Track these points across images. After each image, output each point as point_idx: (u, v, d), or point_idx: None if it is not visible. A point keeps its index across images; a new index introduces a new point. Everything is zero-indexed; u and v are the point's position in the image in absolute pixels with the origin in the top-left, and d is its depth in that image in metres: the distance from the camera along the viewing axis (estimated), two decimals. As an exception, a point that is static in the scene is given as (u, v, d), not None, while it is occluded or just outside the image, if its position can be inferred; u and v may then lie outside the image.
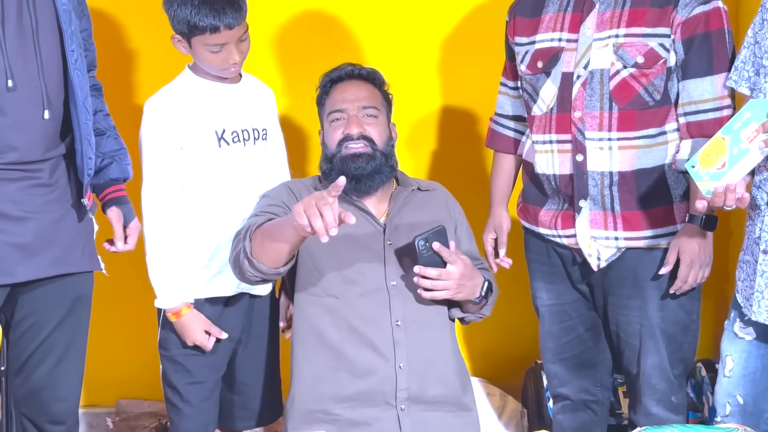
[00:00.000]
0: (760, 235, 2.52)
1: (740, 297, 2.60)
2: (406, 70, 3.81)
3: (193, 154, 2.86)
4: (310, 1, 3.87)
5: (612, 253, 2.87)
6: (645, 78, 2.78)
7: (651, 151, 2.81)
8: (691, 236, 2.76)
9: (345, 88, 2.86)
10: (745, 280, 2.58)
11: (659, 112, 2.81)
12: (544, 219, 2.99)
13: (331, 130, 2.82)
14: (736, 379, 2.63)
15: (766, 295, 2.52)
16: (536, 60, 2.93)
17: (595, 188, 2.84)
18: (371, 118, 2.83)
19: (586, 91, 2.82)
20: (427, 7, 3.85)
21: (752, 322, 2.57)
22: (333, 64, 3.18)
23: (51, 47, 2.54)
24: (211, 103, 2.87)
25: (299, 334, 2.79)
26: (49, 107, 2.53)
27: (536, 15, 2.95)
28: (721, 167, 2.40)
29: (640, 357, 2.92)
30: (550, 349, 3.11)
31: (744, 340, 2.61)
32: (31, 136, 2.52)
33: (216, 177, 2.88)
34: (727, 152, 2.39)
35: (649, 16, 2.78)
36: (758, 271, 2.52)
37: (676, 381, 2.93)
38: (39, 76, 2.52)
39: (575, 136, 2.85)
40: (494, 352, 3.95)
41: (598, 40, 2.81)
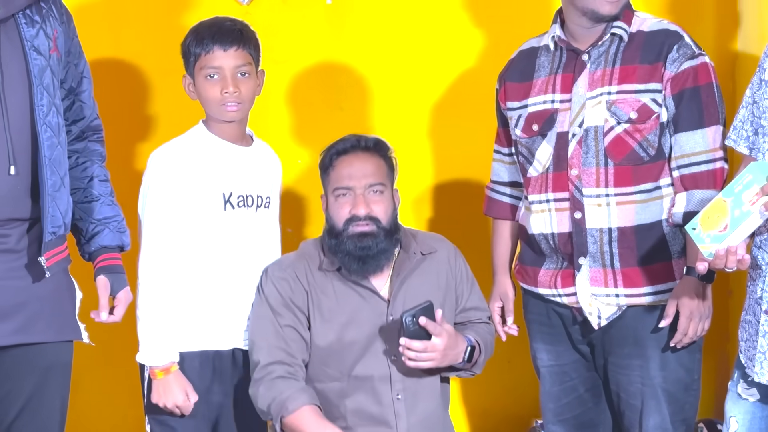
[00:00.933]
0: (762, 295, 2.51)
1: (743, 357, 2.58)
2: (406, 132, 3.87)
3: (196, 214, 2.84)
4: (311, 59, 3.90)
5: (613, 311, 2.87)
6: (639, 133, 2.81)
7: (648, 206, 2.83)
8: (690, 289, 2.77)
9: (351, 162, 2.86)
10: (747, 340, 2.56)
11: (654, 167, 2.84)
12: (543, 279, 2.98)
13: (338, 206, 2.84)
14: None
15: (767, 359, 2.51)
16: (531, 123, 2.95)
17: (595, 245, 2.85)
18: (377, 194, 2.85)
19: (582, 148, 2.85)
20: (422, 73, 3.91)
21: (756, 383, 2.55)
22: (333, 122, 3.19)
23: (19, 102, 2.50)
24: (221, 164, 2.87)
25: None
26: (14, 163, 2.47)
27: (527, 80, 2.98)
28: (722, 230, 2.41)
29: (642, 417, 2.90)
30: (550, 410, 3.09)
31: (748, 401, 2.59)
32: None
33: (218, 239, 2.86)
34: (728, 215, 2.40)
35: (639, 73, 2.81)
36: (761, 331, 2.51)
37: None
38: (5, 131, 2.47)
39: (573, 194, 2.86)
40: (494, 412, 3.94)
41: (591, 98, 2.84)
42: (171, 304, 2.81)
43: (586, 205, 2.84)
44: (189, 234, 2.84)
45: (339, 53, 3.86)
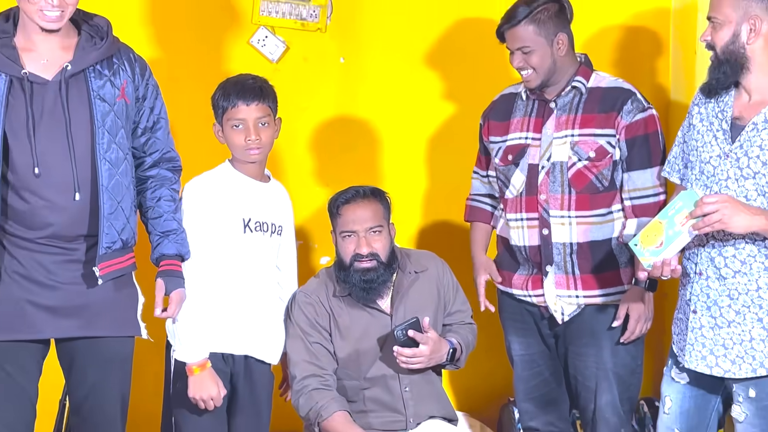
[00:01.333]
0: (690, 298, 2.56)
1: (676, 348, 2.63)
2: (406, 167, 3.87)
3: (221, 235, 2.83)
4: (328, 108, 3.84)
5: (573, 309, 2.93)
6: (596, 168, 2.86)
7: (602, 227, 2.89)
8: (637, 297, 2.86)
9: (353, 209, 2.88)
10: (679, 334, 2.62)
11: (607, 196, 2.89)
12: (516, 282, 3.03)
13: (345, 245, 2.88)
14: (673, 416, 2.66)
15: (696, 347, 2.54)
16: (507, 154, 2.99)
17: (559, 256, 2.91)
18: (376, 234, 2.87)
19: (550, 178, 2.89)
20: (417, 119, 3.89)
21: (686, 369, 2.60)
22: (347, 161, 3.41)
23: (83, 141, 2.49)
24: (242, 195, 2.86)
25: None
26: (79, 190, 2.47)
27: (506, 119, 3.01)
28: (659, 246, 2.45)
29: (596, 396, 2.95)
30: (521, 390, 3.14)
31: (679, 383, 2.64)
32: (65, 215, 2.47)
33: (237, 257, 2.85)
34: (663, 234, 2.44)
35: (597, 120, 2.86)
36: (689, 327, 2.55)
37: (625, 416, 2.98)
38: (71, 164, 2.47)
39: (541, 214, 2.91)
40: (476, 391, 3.90)
41: (557, 138, 2.89)
42: (202, 309, 2.79)
43: (552, 223, 2.90)
44: (214, 251, 2.82)
45: (350, 103, 3.83)
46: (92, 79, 2.51)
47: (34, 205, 2.44)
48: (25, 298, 2.46)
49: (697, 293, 2.54)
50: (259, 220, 2.86)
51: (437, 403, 2.94)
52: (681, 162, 2.67)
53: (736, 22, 2.42)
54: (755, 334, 2.45)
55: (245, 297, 2.86)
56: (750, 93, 2.47)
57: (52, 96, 2.44)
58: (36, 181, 2.42)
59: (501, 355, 3.26)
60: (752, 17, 2.41)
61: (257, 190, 2.89)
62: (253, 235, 2.85)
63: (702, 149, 2.54)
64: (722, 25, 2.44)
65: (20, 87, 2.42)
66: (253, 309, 2.88)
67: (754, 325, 2.45)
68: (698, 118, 2.59)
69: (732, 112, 2.50)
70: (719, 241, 2.47)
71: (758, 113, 2.42)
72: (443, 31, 3.81)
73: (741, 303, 2.46)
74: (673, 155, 2.71)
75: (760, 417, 2.48)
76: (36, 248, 2.47)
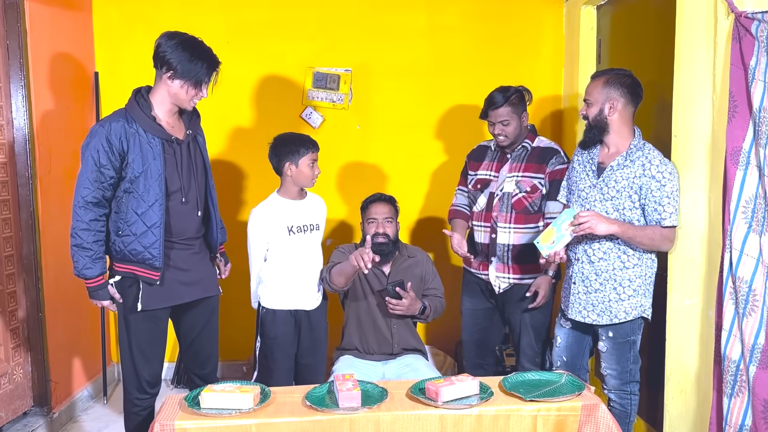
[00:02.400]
0: (572, 275, 2.62)
1: (563, 306, 2.70)
2: (407, 194, 3.76)
3: (275, 238, 2.77)
4: (348, 157, 3.74)
5: (506, 285, 2.93)
6: (531, 198, 2.85)
7: (528, 236, 2.87)
8: (546, 282, 2.85)
9: (376, 206, 2.89)
10: (565, 297, 2.67)
11: (535, 216, 2.87)
12: (474, 264, 3.03)
13: (369, 227, 2.87)
14: (562, 349, 2.70)
15: (575, 305, 2.59)
16: (477, 183, 2.99)
17: (500, 251, 2.91)
18: (389, 222, 2.87)
19: (501, 202, 2.88)
20: (419, 161, 3.80)
21: (569, 319, 2.65)
22: (362, 188, 3.34)
23: (201, 177, 2.53)
24: (286, 211, 2.79)
25: (348, 316, 2.94)
26: (200, 209, 2.53)
27: (480, 161, 3.01)
28: (551, 243, 2.49)
29: (520, 339, 2.97)
30: (466, 331, 3.14)
31: (565, 328, 2.69)
32: (193, 225, 2.51)
33: (288, 250, 2.78)
34: (554, 235, 2.48)
35: (534, 168, 2.86)
36: (571, 293, 2.61)
37: (539, 350, 2.97)
38: (196, 194, 2.51)
39: (492, 225, 2.91)
40: (440, 332, 3.85)
41: (508, 177, 2.88)
42: (261, 281, 2.79)
43: (498, 231, 2.89)
44: (275, 247, 2.77)
45: (364, 154, 3.77)
46: (198, 137, 2.57)
47: None
48: (173, 278, 2.49)
49: (576, 272, 2.59)
50: (299, 224, 2.81)
51: (412, 337, 2.95)
52: (566, 190, 2.74)
53: (601, 102, 2.46)
54: (612, 297, 2.52)
55: (296, 272, 2.80)
56: (609, 147, 2.53)
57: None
58: (181, 206, 2.45)
59: (456, 311, 3.23)
60: (612, 99, 2.46)
61: (297, 205, 2.82)
62: (296, 236, 2.80)
63: (579, 182, 2.60)
64: (593, 103, 2.49)
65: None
66: (301, 278, 2.82)
67: (611, 292, 2.51)
68: (577, 162, 2.64)
69: (598, 159, 2.56)
70: (589, 240, 2.53)
71: (614, 159, 2.49)
72: (428, 107, 3.79)
73: (603, 278, 2.52)
74: (561, 186, 2.77)
75: (616, 349, 2.56)
76: (179, 247, 2.49)
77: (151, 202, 2.35)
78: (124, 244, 2.38)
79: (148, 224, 2.36)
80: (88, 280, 2.39)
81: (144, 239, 2.36)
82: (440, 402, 2.04)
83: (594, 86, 2.48)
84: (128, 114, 2.36)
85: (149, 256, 2.37)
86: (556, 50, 3.76)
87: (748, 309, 2.16)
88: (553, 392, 2.13)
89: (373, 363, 2.87)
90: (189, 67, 2.33)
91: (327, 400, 2.10)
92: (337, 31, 3.69)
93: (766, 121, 2.07)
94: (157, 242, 2.37)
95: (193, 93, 2.38)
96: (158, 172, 2.35)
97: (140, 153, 2.33)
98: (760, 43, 2.07)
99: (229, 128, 3.72)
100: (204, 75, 2.37)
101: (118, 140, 2.31)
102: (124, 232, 2.37)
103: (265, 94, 3.71)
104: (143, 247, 2.37)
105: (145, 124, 2.35)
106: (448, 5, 3.71)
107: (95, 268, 2.37)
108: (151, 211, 2.35)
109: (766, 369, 2.12)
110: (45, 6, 3.08)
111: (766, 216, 2.11)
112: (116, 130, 2.32)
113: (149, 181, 2.34)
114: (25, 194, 2.98)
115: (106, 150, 2.30)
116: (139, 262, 2.39)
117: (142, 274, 2.40)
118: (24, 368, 3.05)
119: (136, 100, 2.39)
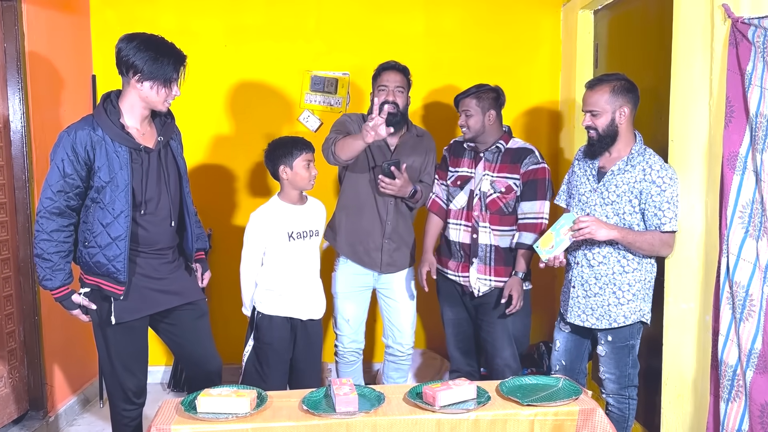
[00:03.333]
0: (571, 278, 2.62)
1: (562, 309, 2.70)
2: None
3: (274, 243, 2.72)
4: None
5: (487, 288, 2.85)
6: (505, 199, 2.81)
7: (507, 238, 2.83)
8: (517, 283, 2.77)
9: (388, 74, 2.84)
10: (564, 301, 2.67)
11: (511, 218, 2.84)
12: (451, 266, 2.94)
13: (378, 95, 2.82)
14: (561, 352, 2.70)
15: (574, 309, 2.59)
16: (457, 180, 2.94)
17: (482, 252, 2.85)
18: (400, 92, 2.83)
19: (480, 202, 2.84)
20: None
21: (568, 323, 2.65)
22: None
23: (175, 186, 2.44)
24: (287, 216, 2.75)
25: (343, 192, 2.93)
26: (173, 219, 2.43)
27: (458, 157, 2.96)
28: (551, 247, 2.49)
29: (502, 350, 2.86)
30: (450, 343, 3.06)
31: (564, 332, 2.69)
32: (166, 235, 2.42)
33: (287, 256, 2.73)
34: (554, 240, 2.48)
35: (509, 168, 2.82)
36: (570, 296, 2.62)
37: (518, 358, 2.91)
38: (169, 204, 2.41)
39: (474, 224, 2.86)
40: (435, 336, 3.75)
41: (484, 176, 2.84)
42: (255, 287, 2.73)
43: (480, 231, 2.85)
44: (273, 252, 2.72)
45: None
46: (171, 144, 2.47)
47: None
48: (146, 286, 2.42)
49: (576, 276, 2.59)
50: (299, 230, 2.76)
51: (405, 227, 2.95)
52: (566, 194, 2.74)
53: (612, 111, 2.44)
54: (611, 301, 2.52)
55: (294, 277, 2.75)
56: (611, 152, 2.52)
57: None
58: (149, 216, 2.37)
59: (439, 319, 3.11)
60: (621, 107, 2.44)
61: (296, 211, 2.77)
62: (295, 242, 2.75)
63: (579, 186, 2.61)
64: (601, 113, 2.45)
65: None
66: (300, 284, 2.77)
67: (610, 296, 2.52)
68: (578, 167, 2.65)
69: (599, 163, 2.56)
70: (589, 244, 2.54)
71: (614, 164, 2.50)
72: (425, 111, 3.75)
73: (602, 282, 2.53)
74: (561, 190, 2.77)
75: (614, 353, 2.56)
76: (150, 257, 2.42)
77: (117, 213, 2.26)
78: (89, 256, 2.30)
79: (112, 236, 2.27)
80: (53, 291, 2.30)
81: (108, 251, 2.27)
82: (437, 406, 2.04)
83: (599, 96, 2.44)
84: (95, 121, 2.27)
85: (113, 269, 2.28)
86: (554, 55, 3.77)
87: (745, 314, 2.17)
88: (551, 397, 2.13)
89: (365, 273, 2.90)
90: (155, 67, 2.24)
91: (324, 404, 2.10)
92: (334, 34, 3.69)
93: (762, 126, 2.09)
94: (122, 255, 2.28)
95: (164, 93, 2.30)
96: (125, 183, 2.26)
97: (107, 162, 2.25)
98: (756, 48, 2.08)
99: (227, 132, 3.71)
100: (172, 72, 2.28)
101: (83, 149, 2.24)
102: (90, 243, 2.29)
103: (262, 97, 3.70)
104: (107, 260, 2.28)
105: (111, 133, 2.26)
106: (446, 10, 3.72)
107: (55, 279, 2.28)
108: (116, 222, 2.26)
109: (763, 374, 2.13)
110: (42, 9, 3.08)
111: (762, 221, 2.12)
112: (81, 139, 2.24)
113: (115, 192, 2.25)
114: (22, 197, 2.97)
115: (71, 159, 2.23)
116: (103, 275, 2.30)
117: (107, 288, 2.31)
118: (20, 372, 3.04)
119: (104, 106, 2.30)
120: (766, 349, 2.12)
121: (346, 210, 2.95)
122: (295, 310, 2.76)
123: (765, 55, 2.05)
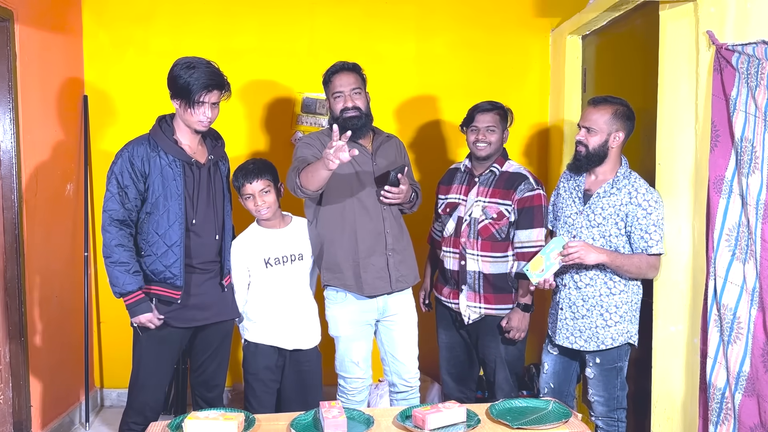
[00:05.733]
0: (559, 301, 2.62)
1: (550, 332, 2.70)
2: None
3: (253, 270, 2.68)
4: None
5: (477, 316, 2.81)
6: (497, 225, 2.76)
7: (499, 265, 2.78)
8: (518, 315, 2.75)
9: (340, 77, 2.64)
10: (552, 323, 2.68)
11: (503, 245, 2.78)
12: (445, 293, 2.92)
13: (335, 103, 2.65)
14: (549, 375, 2.70)
15: (563, 331, 2.59)
16: (446, 208, 2.91)
17: (470, 279, 2.80)
18: (357, 94, 2.64)
19: (469, 228, 2.80)
20: None
21: (556, 345, 2.65)
22: None
23: (220, 202, 2.58)
24: (262, 242, 2.68)
25: (325, 220, 2.68)
26: (218, 233, 2.56)
27: (449, 184, 2.94)
28: (541, 271, 2.49)
29: (496, 373, 2.85)
30: (443, 367, 3.02)
31: (552, 354, 2.69)
32: (212, 248, 2.54)
33: (264, 283, 2.68)
34: (544, 263, 2.48)
35: (501, 193, 2.78)
36: (558, 318, 2.61)
37: (515, 384, 2.87)
38: (214, 218, 2.54)
39: (461, 251, 2.81)
40: (425, 356, 3.59)
41: (476, 202, 2.80)
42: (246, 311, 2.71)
43: (468, 258, 2.80)
44: (253, 280, 2.68)
45: None
46: (221, 164, 2.63)
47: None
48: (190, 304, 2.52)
49: (564, 298, 2.60)
50: (277, 256, 2.68)
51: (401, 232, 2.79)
52: (552, 215, 2.74)
53: (607, 133, 2.45)
54: (599, 323, 2.52)
55: (276, 306, 2.69)
56: (597, 174, 2.54)
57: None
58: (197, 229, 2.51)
59: (434, 342, 3.07)
60: (618, 131, 2.46)
61: (274, 236, 2.70)
62: (273, 268, 2.67)
63: (565, 208, 2.62)
64: (597, 132, 2.46)
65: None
66: (284, 314, 2.69)
67: (598, 318, 2.52)
68: (563, 189, 2.66)
69: (584, 186, 2.57)
70: (576, 266, 2.54)
71: (600, 186, 2.52)
72: (416, 134, 3.75)
73: (590, 304, 2.54)
74: (548, 212, 2.76)
75: (603, 375, 2.56)
76: (195, 271, 2.52)
77: (172, 221, 2.42)
78: (145, 265, 2.45)
79: (168, 243, 2.42)
80: (128, 295, 2.40)
81: (165, 259, 2.43)
82: (427, 429, 2.02)
83: (600, 115, 2.45)
84: (151, 138, 2.46)
85: (170, 275, 2.44)
86: (542, 79, 3.80)
87: (733, 336, 2.18)
88: (540, 419, 2.11)
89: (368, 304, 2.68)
90: (178, 88, 2.40)
91: (312, 427, 2.07)
92: (326, 57, 3.66)
93: (747, 150, 2.11)
94: (178, 261, 2.44)
95: (190, 113, 2.42)
96: (178, 193, 2.43)
97: (161, 174, 2.42)
98: (740, 74, 2.11)
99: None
100: (195, 93, 2.37)
101: (140, 162, 2.41)
102: (146, 252, 2.45)
103: (255, 118, 3.69)
104: (164, 267, 2.43)
105: (166, 146, 2.44)
106: (437, 34, 3.75)
107: (134, 282, 2.40)
108: (171, 230, 2.42)
109: (752, 396, 2.12)
110: (35, 29, 3.08)
111: (749, 244, 2.14)
112: (139, 153, 2.42)
113: (169, 202, 2.42)
114: (11, 217, 2.95)
115: (129, 171, 2.40)
116: (160, 282, 2.45)
117: (163, 293, 2.45)
118: (5, 394, 2.99)
119: (160, 125, 2.50)
120: (754, 371, 2.12)
121: (332, 234, 2.69)
122: (281, 340, 2.69)
123: (749, 81, 2.09)
